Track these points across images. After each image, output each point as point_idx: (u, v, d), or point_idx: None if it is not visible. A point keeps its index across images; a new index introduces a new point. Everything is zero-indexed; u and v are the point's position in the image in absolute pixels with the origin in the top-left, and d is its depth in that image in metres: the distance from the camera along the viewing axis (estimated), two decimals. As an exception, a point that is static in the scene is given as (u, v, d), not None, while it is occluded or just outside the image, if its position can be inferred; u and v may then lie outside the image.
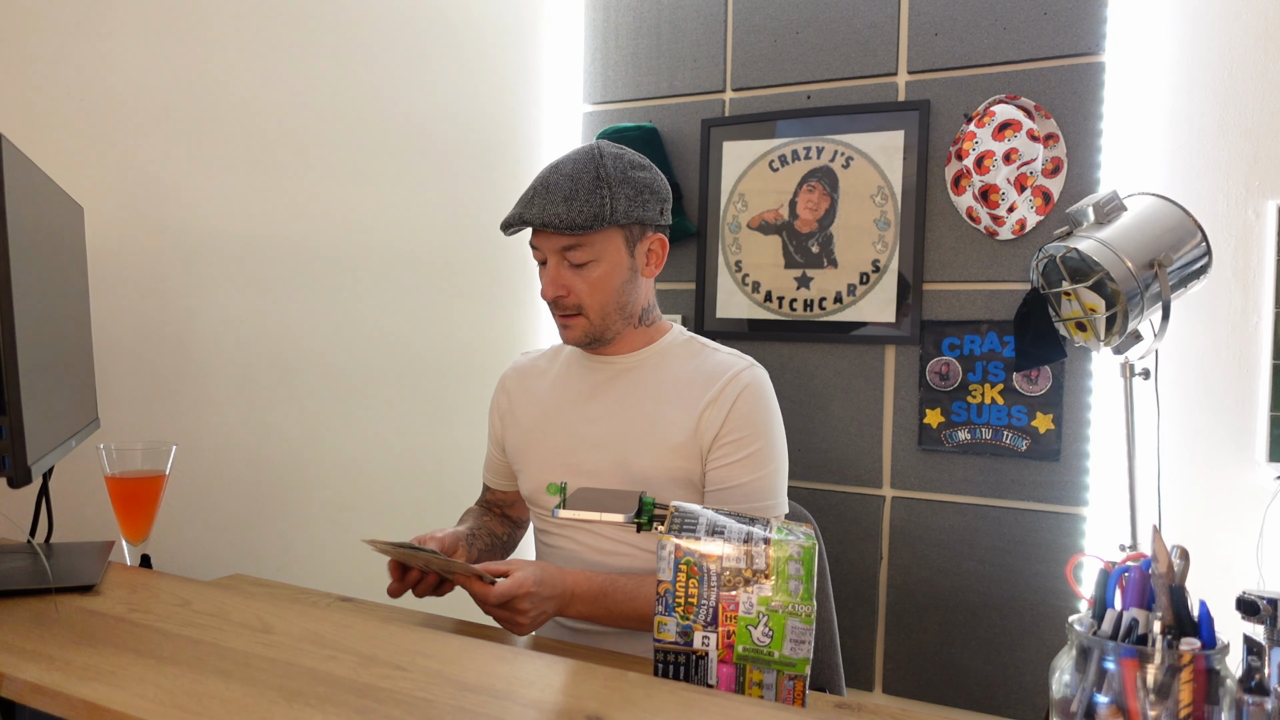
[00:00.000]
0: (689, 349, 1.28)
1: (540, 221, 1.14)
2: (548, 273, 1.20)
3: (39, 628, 0.85)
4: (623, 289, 1.21)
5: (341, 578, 1.83)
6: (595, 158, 1.19)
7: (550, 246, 1.19)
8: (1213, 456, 1.88)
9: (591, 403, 1.26)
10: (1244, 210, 1.86)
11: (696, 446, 1.19)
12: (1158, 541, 0.70)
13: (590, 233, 1.16)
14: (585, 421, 1.25)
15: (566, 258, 1.18)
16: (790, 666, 0.84)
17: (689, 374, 1.24)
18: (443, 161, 2.11)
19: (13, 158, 0.86)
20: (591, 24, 2.48)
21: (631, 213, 1.18)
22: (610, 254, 1.19)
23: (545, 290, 1.20)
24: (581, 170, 1.17)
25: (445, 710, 0.70)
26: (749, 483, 1.18)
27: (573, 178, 1.16)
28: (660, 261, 1.26)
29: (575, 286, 1.19)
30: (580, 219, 1.14)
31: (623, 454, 1.21)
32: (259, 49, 1.65)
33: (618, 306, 1.22)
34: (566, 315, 1.21)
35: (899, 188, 2.10)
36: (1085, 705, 0.68)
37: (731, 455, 1.19)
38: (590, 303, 1.20)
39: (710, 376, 1.22)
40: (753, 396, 1.21)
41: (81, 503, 1.29)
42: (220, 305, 1.59)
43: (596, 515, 0.90)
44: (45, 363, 0.95)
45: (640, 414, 1.22)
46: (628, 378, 1.26)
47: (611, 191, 1.17)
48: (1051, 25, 1.95)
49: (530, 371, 1.38)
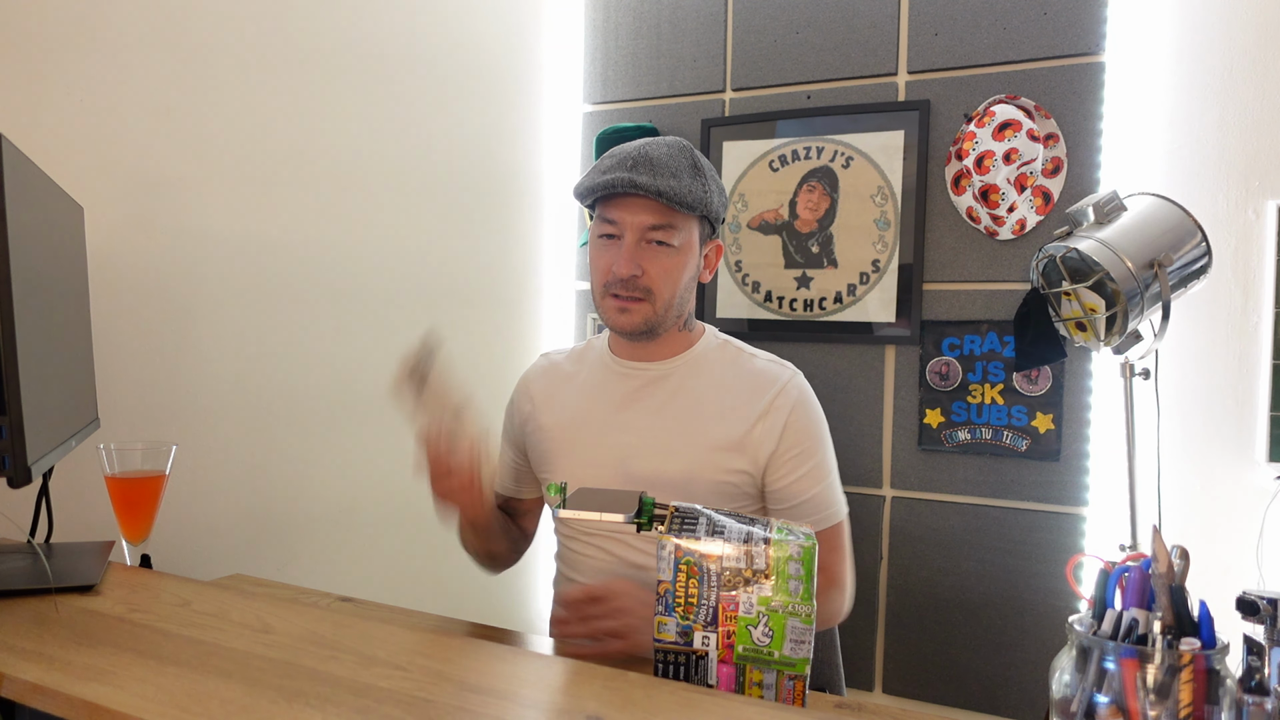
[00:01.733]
0: (726, 354, 1.25)
1: (654, 189, 1.10)
2: (623, 249, 1.13)
3: (39, 628, 0.85)
4: (689, 284, 1.19)
5: (341, 578, 1.83)
6: (688, 146, 1.18)
7: (638, 222, 1.13)
8: (1213, 456, 1.88)
9: (627, 410, 1.21)
10: (1244, 210, 1.86)
11: (749, 459, 1.16)
12: (1158, 541, 0.70)
13: (687, 215, 1.14)
14: (621, 430, 1.20)
15: (650, 237, 1.13)
16: (790, 666, 0.84)
17: (731, 382, 1.20)
18: (443, 161, 2.11)
19: (13, 158, 0.86)
20: (591, 24, 2.48)
21: (718, 210, 1.18)
22: (690, 244, 1.17)
23: (621, 266, 1.13)
24: (680, 154, 1.15)
25: (445, 710, 0.70)
26: (816, 495, 1.18)
27: (673, 157, 1.14)
28: (713, 269, 1.24)
29: (651, 268, 1.14)
30: (690, 198, 1.11)
31: (663, 463, 1.17)
32: (259, 49, 1.65)
33: (680, 300, 1.18)
34: (631, 298, 1.15)
35: (899, 188, 2.10)
36: (1085, 705, 0.68)
37: (795, 471, 1.17)
38: (660, 288, 1.15)
39: (756, 386, 1.19)
40: (805, 408, 1.19)
41: (81, 503, 1.29)
42: (220, 305, 1.59)
43: (597, 515, 0.90)
44: (45, 363, 0.95)
45: (681, 422, 1.18)
46: (665, 384, 1.21)
47: (707, 181, 1.16)
48: (1051, 25, 1.95)
49: (555, 375, 1.31)
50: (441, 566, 2.12)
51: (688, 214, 1.14)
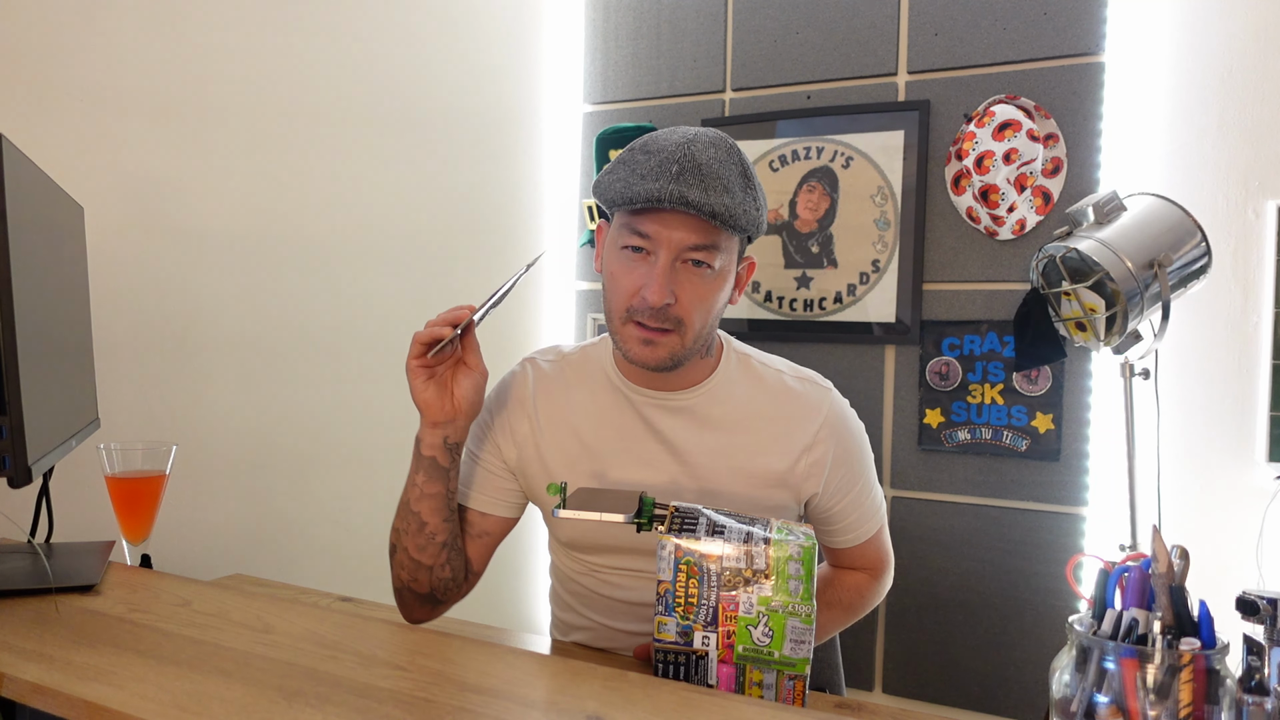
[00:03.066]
0: (750, 374, 1.11)
1: (708, 209, 0.92)
2: (656, 270, 0.95)
3: (39, 628, 0.85)
4: (721, 310, 1.03)
5: (342, 578, 1.83)
6: (735, 148, 0.99)
7: (677, 240, 0.95)
8: (1213, 456, 1.88)
9: (649, 444, 1.07)
10: (1244, 210, 1.86)
11: (791, 493, 1.08)
12: (1158, 541, 0.70)
13: (730, 236, 0.98)
14: (642, 465, 1.07)
15: (689, 257, 0.96)
16: (790, 666, 0.84)
17: (765, 409, 1.08)
18: (443, 162, 2.11)
19: (13, 158, 0.86)
20: (591, 24, 2.48)
21: (762, 226, 1.01)
22: (730, 266, 1.00)
23: (652, 292, 0.94)
24: (729, 159, 0.97)
25: (445, 710, 0.70)
26: (863, 509, 1.14)
27: (723, 164, 0.95)
28: (744, 288, 1.07)
29: (685, 295, 0.96)
30: (744, 218, 0.95)
31: (694, 499, 1.05)
32: (259, 50, 1.65)
33: (710, 329, 1.02)
34: (660, 329, 0.97)
35: (899, 188, 2.10)
36: (1085, 705, 0.68)
37: (844, 495, 1.11)
38: (693, 318, 0.97)
39: (795, 415, 1.08)
40: (849, 435, 1.11)
41: (81, 503, 1.29)
42: (220, 305, 1.59)
43: (596, 515, 0.90)
44: (45, 363, 0.95)
45: (710, 457, 1.06)
46: (691, 417, 1.08)
47: (757, 195, 0.99)
48: (1051, 25, 1.95)
49: (553, 391, 1.12)
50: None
51: (733, 235, 0.98)
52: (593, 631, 1.16)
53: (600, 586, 1.13)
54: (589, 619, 1.16)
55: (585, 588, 1.15)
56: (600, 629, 1.15)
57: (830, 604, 1.16)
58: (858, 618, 1.21)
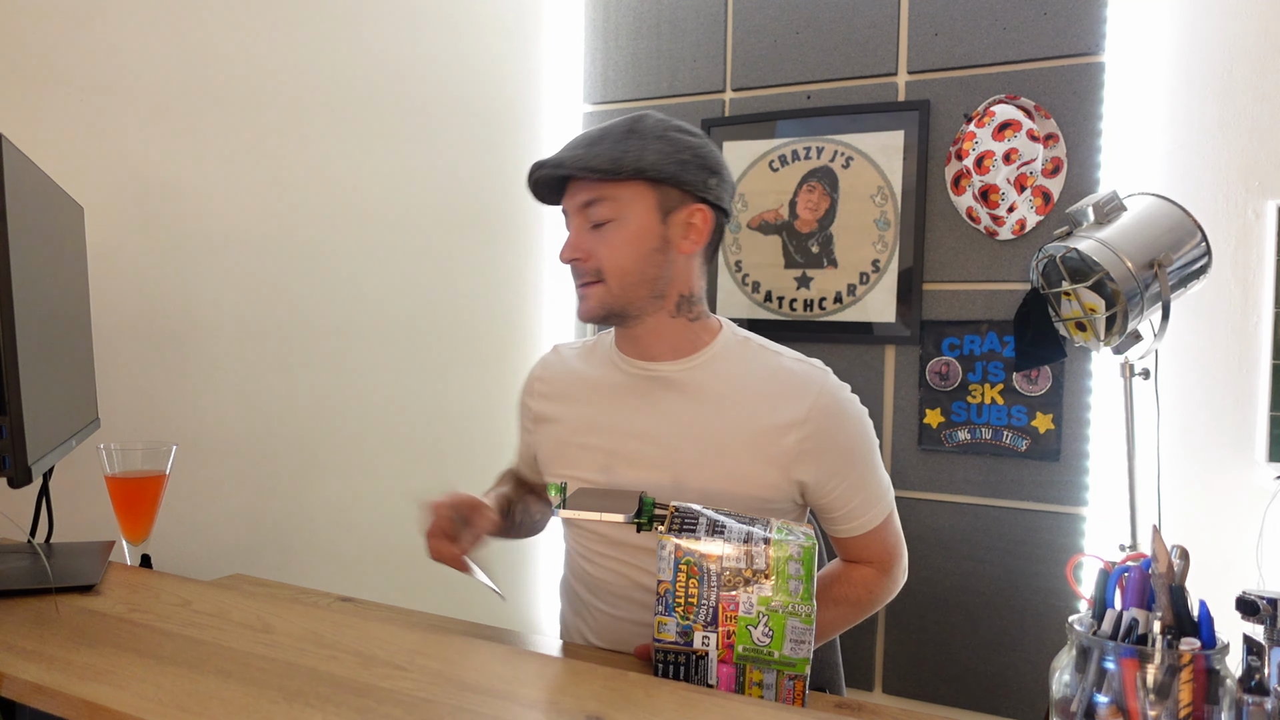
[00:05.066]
0: (747, 352, 1.15)
1: (555, 161, 1.05)
2: (569, 235, 1.10)
3: (39, 628, 0.85)
4: (649, 258, 1.07)
5: (341, 578, 1.83)
6: (637, 115, 1.10)
7: (573, 203, 1.09)
8: (1213, 456, 1.88)
9: (640, 415, 1.12)
10: (1244, 210, 1.86)
11: (781, 471, 1.08)
12: (1158, 541, 0.70)
13: (612, 183, 1.05)
14: (632, 437, 1.11)
15: (588, 215, 1.07)
16: (790, 666, 0.84)
17: (757, 384, 1.10)
18: (443, 161, 2.11)
19: (13, 158, 0.86)
20: (591, 24, 2.48)
21: (663, 168, 1.04)
22: (636, 215, 1.06)
23: (563, 252, 1.09)
24: (618, 123, 1.08)
25: (445, 710, 0.70)
26: (865, 495, 1.12)
27: (606, 128, 1.08)
28: (702, 238, 1.10)
29: (595, 249, 1.07)
30: (598, 162, 1.03)
31: (681, 475, 1.08)
32: (259, 49, 1.65)
33: (641, 278, 1.07)
34: (584, 283, 1.09)
35: (899, 188, 2.10)
36: (1085, 705, 0.68)
37: (842, 479, 1.10)
38: (609, 267, 1.06)
39: (786, 392, 1.09)
40: (843, 414, 1.10)
41: (81, 503, 1.29)
42: (220, 305, 1.59)
43: (596, 515, 0.90)
44: (45, 363, 0.95)
45: (701, 430, 1.09)
46: (682, 388, 1.12)
47: (643, 142, 1.06)
48: (1051, 25, 1.95)
49: (564, 371, 1.23)
50: (441, 566, 2.11)
51: (621, 181, 1.04)
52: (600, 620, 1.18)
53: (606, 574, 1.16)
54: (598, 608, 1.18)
55: (589, 574, 1.18)
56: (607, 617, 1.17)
57: (839, 600, 1.14)
58: (868, 614, 1.18)
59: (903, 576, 1.22)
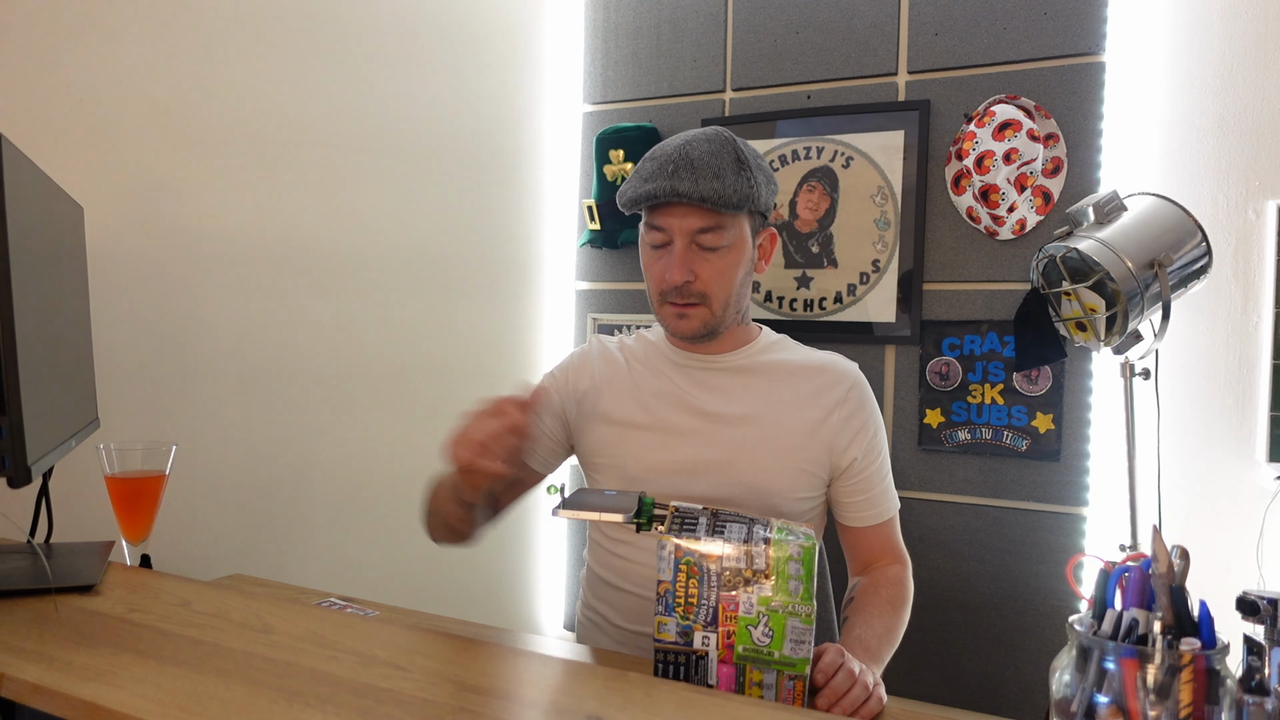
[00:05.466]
0: (785, 344, 1.27)
1: (697, 196, 1.08)
2: (674, 255, 1.13)
3: (39, 628, 0.85)
4: (744, 281, 1.18)
5: (341, 578, 1.83)
6: (729, 139, 1.15)
7: (685, 226, 1.12)
8: (1213, 456, 1.88)
9: (697, 393, 1.21)
10: (1244, 210, 1.86)
11: (824, 446, 1.18)
12: (1158, 541, 0.70)
13: (733, 214, 1.13)
14: (691, 413, 1.19)
15: (699, 240, 1.13)
16: (790, 666, 0.84)
17: (799, 369, 1.22)
18: (443, 161, 2.11)
19: (13, 158, 0.86)
20: (591, 24, 2.48)
21: (768, 201, 1.16)
22: (741, 241, 1.15)
23: (673, 274, 1.12)
24: (721, 149, 1.13)
25: (445, 710, 0.70)
26: (888, 483, 1.24)
27: (715, 155, 1.12)
28: (769, 257, 1.23)
29: (703, 272, 1.13)
30: (735, 197, 1.10)
31: (740, 451, 1.16)
32: (259, 50, 1.65)
33: (737, 299, 1.18)
34: (687, 304, 1.15)
35: (899, 188, 2.10)
36: (1085, 705, 0.68)
37: (876, 456, 1.22)
38: (715, 291, 1.14)
39: (828, 376, 1.21)
40: (875, 405, 1.24)
41: (81, 503, 1.29)
42: (220, 305, 1.59)
43: (596, 515, 0.90)
44: (45, 363, 0.95)
45: (753, 401, 1.19)
46: (733, 374, 1.22)
47: (752, 176, 1.14)
48: (1051, 25, 1.95)
49: (612, 361, 1.28)
50: (441, 566, 2.12)
51: (735, 213, 1.13)
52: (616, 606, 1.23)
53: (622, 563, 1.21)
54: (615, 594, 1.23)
55: (619, 556, 1.22)
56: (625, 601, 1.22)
57: (893, 602, 1.18)
58: (907, 615, 1.20)
59: (912, 577, 1.27)
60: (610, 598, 1.24)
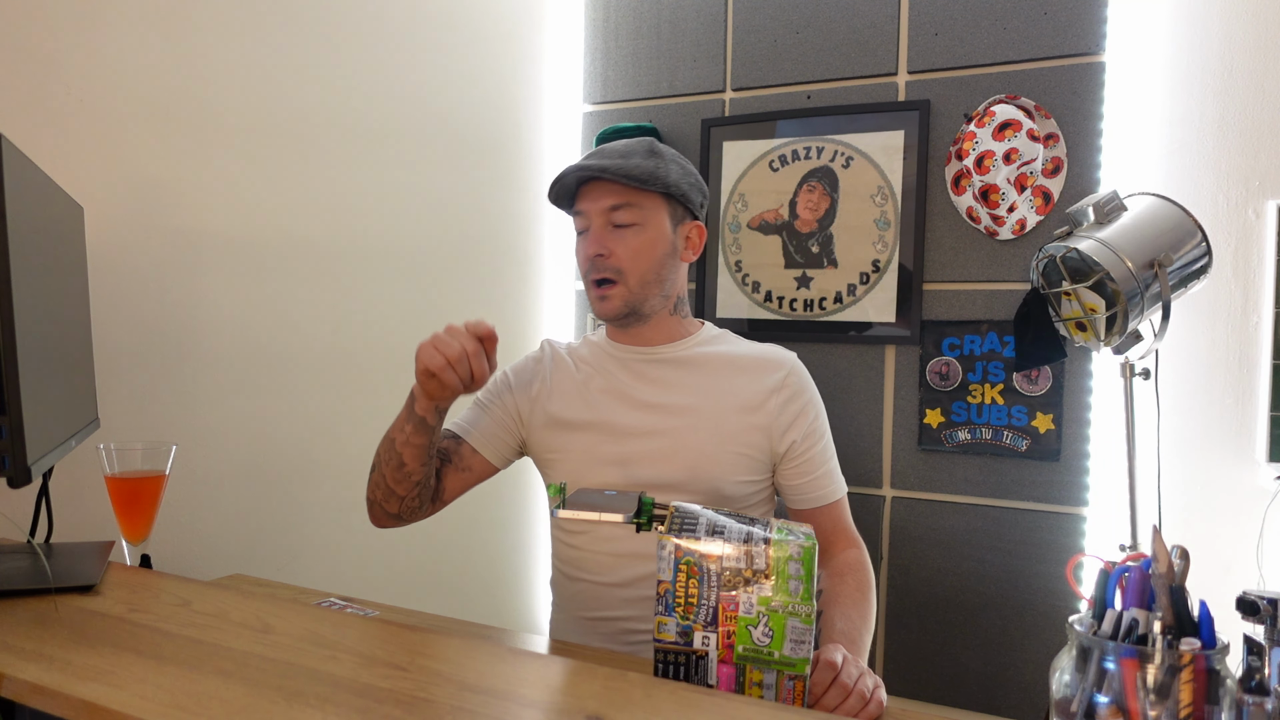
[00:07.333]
0: (726, 338, 1.32)
1: (598, 168, 1.16)
2: (591, 233, 1.21)
3: (39, 628, 0.85)
4: (663, 262, 1.23)
5: (341, 578, 1.83)
6: (648, 140, 1.26)
7: (597, 206, 1.20)
8: (1213, 456, 1.88)
9: (638, 385, 1.25)
10: (1244, 210, 1.86)
11: (763, 431, 1.21)
12: (1158, 541, 0.70)
13: (641, 191, 1.19)
14: (633, 406, 1.23)
15: (612, 219, 1.20)
16: (790, 666, 0.84)
17: (738, 359, 1.26)
18: (444, 161, 2.11)
19: (13, 158, 0.86)
20: (591, 24, 2.48)
21: (680, 186, 1.22)
22: (655, 223, 1.21)
23: (588, 247, 1.20)
24: (638, 144, 1.24)
25: (445, 710, 0.70)
26: (831, 467, 1.27)
27: (628, 145, 1.23)
28: (697, 250, 1.28)
29: (617, 249, 1.19)
30: (637, 172, 1.17)
31: (681, 438, 1.20)
32: (259, 49, 1.65)
33: (657, 279, 1.22)
34: (604, 282, 1.21)
35: (899, 188, 2.10)
36: (1085, 705, 0.68)
37: (817, 440, 1.25)
38: (630, 268, 1.20)
39: (764, 364, 1.25)
40: (813, 389, 1.28)
41: (81, 503, 1.29)
42: (220, 305, 1.59)
43: (595, 515, 0.90)
44: (45, 363, 0.95)
45: (693, 396, 1.22)
46: (671, 363, 1.26)
47: (664, 162, 1.22)
48: (1051, 25, 1.95)
49: (560, 365, 1.32)
50: (441, 566, 2.12)
51: (646, 191, 1.19)
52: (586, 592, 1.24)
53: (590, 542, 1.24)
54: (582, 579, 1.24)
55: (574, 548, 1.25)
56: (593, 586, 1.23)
57: (861, 586, 1.18)
58: (875, 597, 1.21)
59: (869, 559, 1.29)
60: (568, 589, 1.27)
